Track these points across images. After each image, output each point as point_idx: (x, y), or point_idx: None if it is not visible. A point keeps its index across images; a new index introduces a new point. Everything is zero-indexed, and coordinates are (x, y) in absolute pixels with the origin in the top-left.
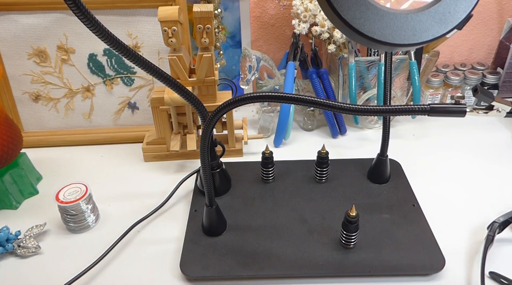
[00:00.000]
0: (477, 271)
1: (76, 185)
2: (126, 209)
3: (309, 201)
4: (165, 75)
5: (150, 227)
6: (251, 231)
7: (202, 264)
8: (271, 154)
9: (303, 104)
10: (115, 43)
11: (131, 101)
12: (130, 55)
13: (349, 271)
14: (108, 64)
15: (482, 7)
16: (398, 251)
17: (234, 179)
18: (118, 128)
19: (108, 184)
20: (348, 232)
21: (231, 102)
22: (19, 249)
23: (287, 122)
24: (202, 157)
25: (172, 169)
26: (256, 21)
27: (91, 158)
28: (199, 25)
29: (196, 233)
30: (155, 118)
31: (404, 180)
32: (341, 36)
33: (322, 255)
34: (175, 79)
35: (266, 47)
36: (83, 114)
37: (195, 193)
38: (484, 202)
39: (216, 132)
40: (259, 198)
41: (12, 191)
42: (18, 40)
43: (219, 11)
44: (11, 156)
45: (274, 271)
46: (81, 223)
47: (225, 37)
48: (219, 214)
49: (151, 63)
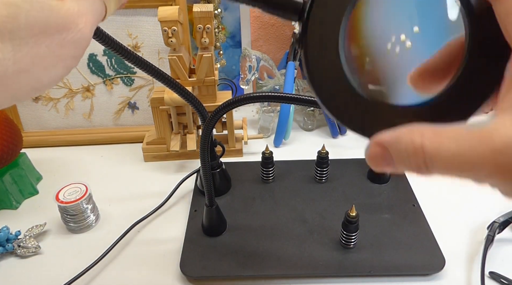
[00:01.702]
0: (477, 271)
1: (76, 185)
2: (126, 209)
3: (309, 201)
4: (165, 76)
5: (150, 227)
6: (251, 231)
7: (202, 264)
8: (271, 154)
9: (303, 104)
10: (114, 46)
11: (131, 101)
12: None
13: (349, 271)
14: (108, 64)
15: None
16: (398, 251)
17: (234, 179)
18: (118, 128)
19: (108, 184)
20: (348, 232)
21: (231, 102)
22: (19, 249)
23: (287, 122)
24: (202, 157)
25: (172, 169)
26: (256, 21)
27: (91, 158)
28: (199, 25)
29: (196, 233)
30: (155, 118)
31: (404, 180)
32: None
33: (322, 255)
34: (175, 80)
35: (266, 47)
36: (83, 114)
37: (195, 193)
38: (484, 202)
39: (216, 132)
40: (259, 198)
41: (12, 191)
42: None
43: (219, 11)
44: (11, 156)
45: (274, 271)
46: (81, 223)
47: (225, 37)
48: (219, 214)
49: (149, 63)
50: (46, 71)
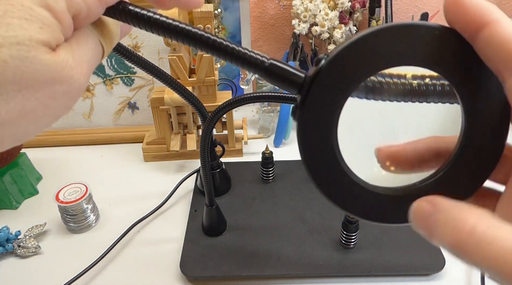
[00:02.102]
0: (477, 271)
1: (76, 185)
2: (126, 209)
3: (309, 201)
4: (166, 76)
5: (150, 227)
6: (251, 231)
7: (202, 264)
8: (271, 154)
9: None
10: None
11: (131, 101)
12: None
13: (349, 271)
14: (108, 64)
15: None
16: (398, 251)
17: (234, 179)
18: (118, 128)
19: (108, 184)
20: (348, 232)
21: (231, 102)
22: (19, 249)
23: (287, 122)
24: (202, 157)
25: (172, 169)
26: (256, 21)
27: (91, 158)
28: (199, 25)
29: (196, 233)
30: (155, 118)
31: None
32: (341, 36)
33: (322, 255)
34: (176, 80)
35: (266, 47)
36: (83, 114)
37: (195, 193)
38: None
39: (216, 132)
40: (259, 198)
41: (12, 191)
42: None
43: (219, 11)
44: (11, 155)
45: (274, 271)
46: (81, 223)
47: (225, 37)
48: (219, 214)
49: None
50: (34, 123)
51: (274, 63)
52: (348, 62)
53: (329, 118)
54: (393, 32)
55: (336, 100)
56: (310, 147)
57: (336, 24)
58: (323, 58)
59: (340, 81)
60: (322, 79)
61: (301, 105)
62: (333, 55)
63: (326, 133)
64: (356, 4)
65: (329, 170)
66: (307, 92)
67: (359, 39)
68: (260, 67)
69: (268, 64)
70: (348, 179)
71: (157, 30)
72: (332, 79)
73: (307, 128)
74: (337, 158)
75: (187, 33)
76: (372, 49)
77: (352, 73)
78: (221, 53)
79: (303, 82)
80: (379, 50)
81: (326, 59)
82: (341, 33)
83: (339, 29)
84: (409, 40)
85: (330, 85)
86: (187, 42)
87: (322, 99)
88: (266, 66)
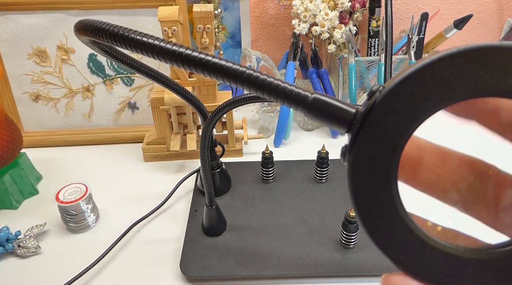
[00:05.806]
0: None
1: (76, 185)
2: (126, 209)
3: (309, 201)
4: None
5: (150, 227)
6: (251, 231)
7: (202, 264)
8: (271, 154)
9: None
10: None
11: (131, 101)
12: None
13: (349, 271)
14: (108, 64)
15: (482, 7)
16: None
17: (234, 179)
18: (118, 128)
19: (108, 184)
20: (348, 232)
21: (231, 102)
22: (19, 249)
23: (287, 122)
24: (202, 157)
25: (172, 169)
26: (256, 21)
27: (91, 158)
28: (199, 25)
29: (196, 233)
30: (155, 118)
31: None
32: (341, 36)
33: (322, 255)
34: (175, 81)
35: (266, 47)
36: (83, 114)
37: (195, 193)
38: None
39: (216, 132)
40: (259, 198)
41: (12, 191)
42: (18, 40)
43: (219, 11)
44: (11, 156)
45: (274, 271)
46: (81, 223)
47: (225, 37)
48: (219, 214)
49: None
50: None
51: (318, 97)
52: (409, 94)
53: (387, 163)
54: (467, 57)
55: (395, 140)
56: (365, 197)
57: (336, 24)
58: (377, 90)
59: (399, 118)
60: (377, 115)
61: (352, 147)
62: (390, 86)
63: (384, 180)
64: (356, 4)
65: (390, 227)
66: (358, 131)
67: (422, 67)
68: (302, 104)
69: (312, 99)
70: (414, 237)
71: (206, 71)
72: (389, 116)
73: (360, 175)
74: (398, 211)
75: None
76: (441, 79)
77: (415, 108)
78: (257, 89)
79: (353, 119)
80: (450, 79)
81: (382, 92)
82: (341, 33)
83: (339, 29)
84: (489, 67)
85: (387, 122)
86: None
87: (377, 140)
88: (309, 102)
